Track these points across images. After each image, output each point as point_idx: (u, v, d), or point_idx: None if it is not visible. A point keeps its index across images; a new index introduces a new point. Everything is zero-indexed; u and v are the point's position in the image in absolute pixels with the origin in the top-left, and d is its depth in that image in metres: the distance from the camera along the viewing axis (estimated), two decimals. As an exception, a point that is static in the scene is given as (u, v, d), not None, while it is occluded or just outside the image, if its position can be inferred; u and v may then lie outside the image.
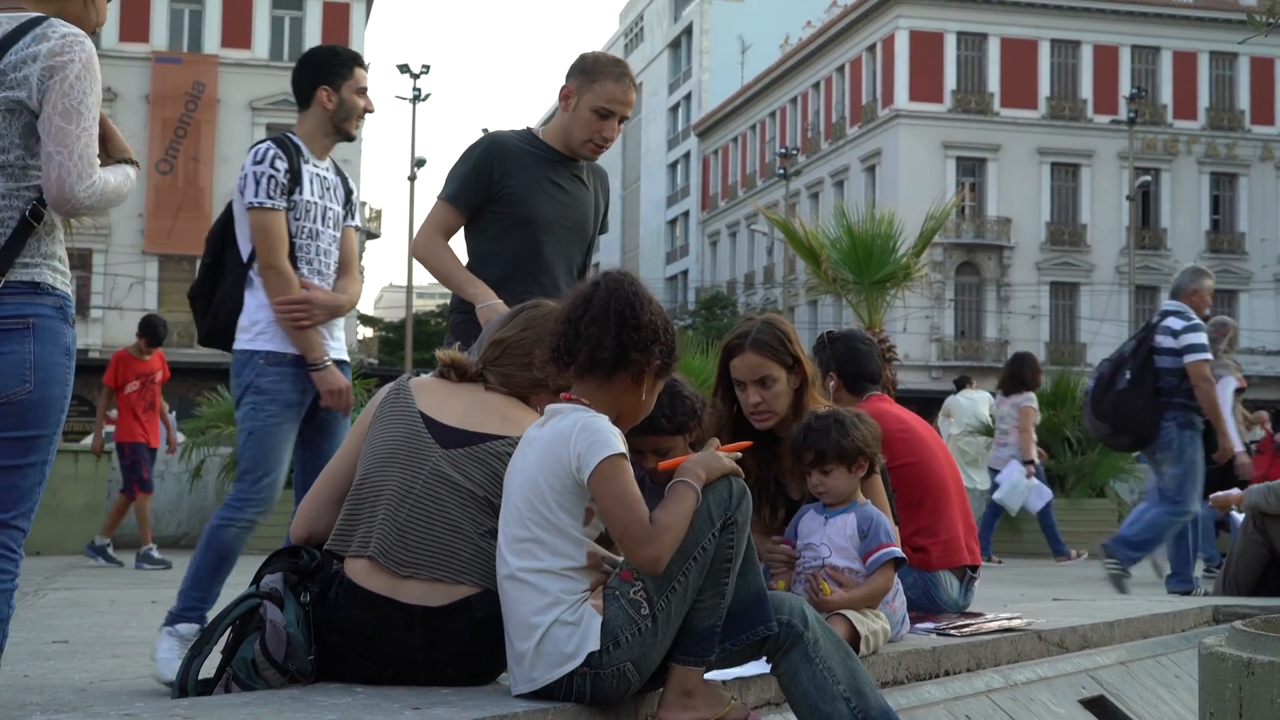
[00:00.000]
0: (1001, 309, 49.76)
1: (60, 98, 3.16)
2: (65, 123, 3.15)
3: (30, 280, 3.19)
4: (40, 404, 3.19)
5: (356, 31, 46.84)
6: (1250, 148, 51.68)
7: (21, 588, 8.12)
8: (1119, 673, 5.27)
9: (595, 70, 4.72)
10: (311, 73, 5.12)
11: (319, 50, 5.32)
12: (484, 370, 3.51)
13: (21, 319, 3.16)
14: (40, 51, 3.18)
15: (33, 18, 3.24)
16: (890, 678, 4.17)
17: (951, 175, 49.32)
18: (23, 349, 3.14)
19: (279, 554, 3.38)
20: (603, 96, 4.69)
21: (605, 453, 3.03)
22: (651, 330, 3.17)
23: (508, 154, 4.79)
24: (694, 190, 70.26)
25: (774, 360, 4.30)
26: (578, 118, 4.74)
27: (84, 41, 3.24)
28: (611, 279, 3.22)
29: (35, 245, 3.21)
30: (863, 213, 14.93)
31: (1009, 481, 12.77)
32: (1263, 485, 7.74)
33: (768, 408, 4.31)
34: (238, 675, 3.24)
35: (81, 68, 3.19)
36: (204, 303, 5.10)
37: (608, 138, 4.78)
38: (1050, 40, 50.91)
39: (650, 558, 3.03)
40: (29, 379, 3.16)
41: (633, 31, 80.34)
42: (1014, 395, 13.01)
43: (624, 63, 4.83)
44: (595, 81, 4.70)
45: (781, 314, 4.46)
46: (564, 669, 3.04)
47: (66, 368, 3.24)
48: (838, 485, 4.14)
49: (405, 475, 3.29)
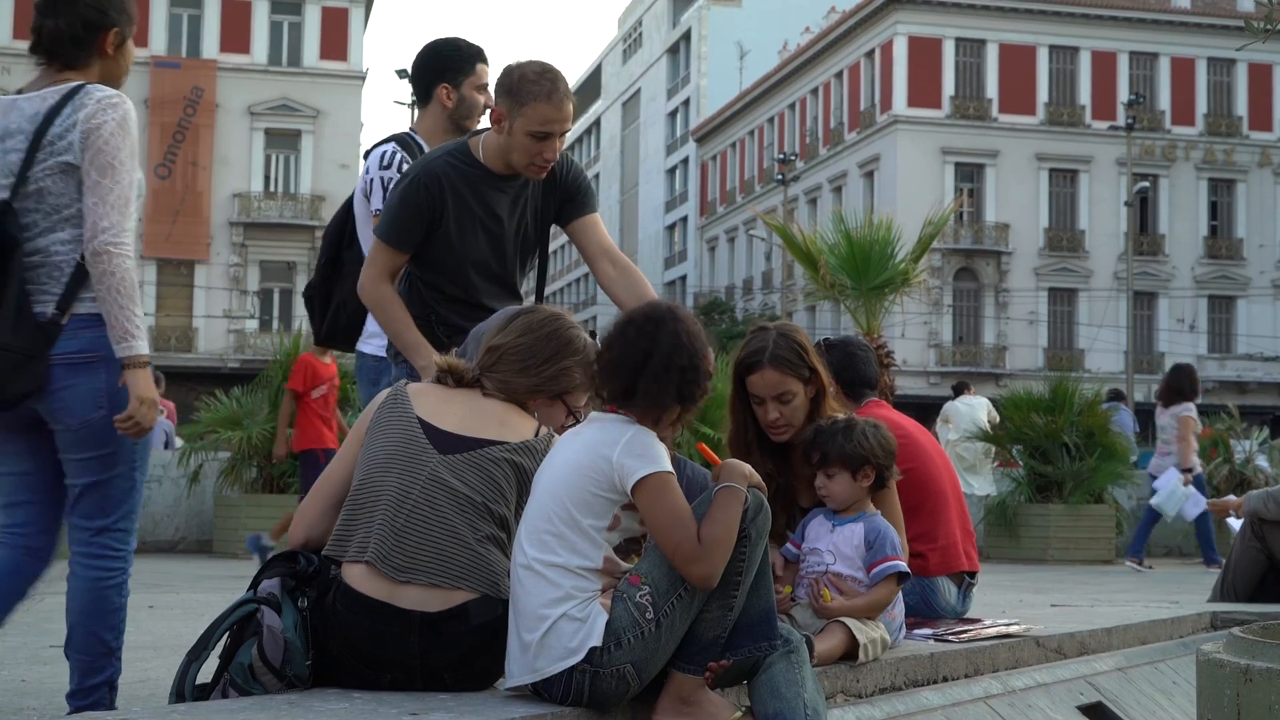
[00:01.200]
0: (1000, 315, 49.77)
1: (95, 155, 3.56)
2: (101, 177, 3.55)
3: (95, 313, 3.60)
4: (112, 424, 3.60)
5: (355, 36, 46.86)
6: (1248, 153, 51.72)
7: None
8: (1117, 679, 5.27)
9: (522, 90, 4.19)
10: (431, 69, 4.97)
11: (440, 44, 5.06)
12: (481, 376, 3.52)
13: (93, 353, 3.61)
14: (79, 118, 3.60)
15: (73, 88, 3.68)
16: (888, 684, 4.16)
17: (950, 181, 49.34)
18: (95, 379, 3.60)
19: (277, 559, 3.39)
20: (535, 120, 4.18)
21: (653, 468, 3.08)
22: (706, 381, 3.24)
23: (445, 189, 4.36)
24: (692, 196, 70.27)
25: (793, 375, 4.27)
26: (513, 143, 4.24)
27: (117, 104, 3.65)
28: (669, 330, 3.23)
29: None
30: (861, 218, 14.93)
31: (1166, 488, 12.83)
32: (1261, 491, 7.73)
33: (786, 422, 4.29)
34: (235, 680, 3.24)
35: (115, 126, 3.59)
36: (322, 302, 5.05)
37: (550, 158, 4.26)
38: (1048, 46, 50.94)
39: (702, 575, 3.07)
40: (103, 405, 3.60)
41: (631, 37, 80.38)
42: (1173, 406, 13.05)
43: (552, 73, 4.25)
44: (524, 104, 4.18)
45: (780, 319, 4.40)
46: (566, 663, 3.06)
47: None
48: (839, 490, 4.13)
49: (403, 481, 3.30)
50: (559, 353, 3.52)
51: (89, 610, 3.60)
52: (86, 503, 3.64)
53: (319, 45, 46.39)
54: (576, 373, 3.54)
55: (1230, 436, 14.90)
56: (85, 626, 3.60)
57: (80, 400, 3.61)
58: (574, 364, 3.53)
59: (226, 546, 11.70)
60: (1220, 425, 15.21)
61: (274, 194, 45.66)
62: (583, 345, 3.57)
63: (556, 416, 3.58)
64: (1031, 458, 13.87)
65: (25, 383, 3.59)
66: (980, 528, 13.13)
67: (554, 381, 3.52)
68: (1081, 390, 14.18)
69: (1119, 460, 13.98)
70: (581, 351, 3.56)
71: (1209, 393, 47.27)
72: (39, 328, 3.58)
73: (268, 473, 12.14)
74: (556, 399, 3.56)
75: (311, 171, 45.68)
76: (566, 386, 3.55)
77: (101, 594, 3.60)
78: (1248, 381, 49.96)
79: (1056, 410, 13.74)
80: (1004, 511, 13.69)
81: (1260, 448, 15.01)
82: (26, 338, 3.57)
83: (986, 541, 13.28)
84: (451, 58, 4.97)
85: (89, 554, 3.62)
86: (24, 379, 3.58)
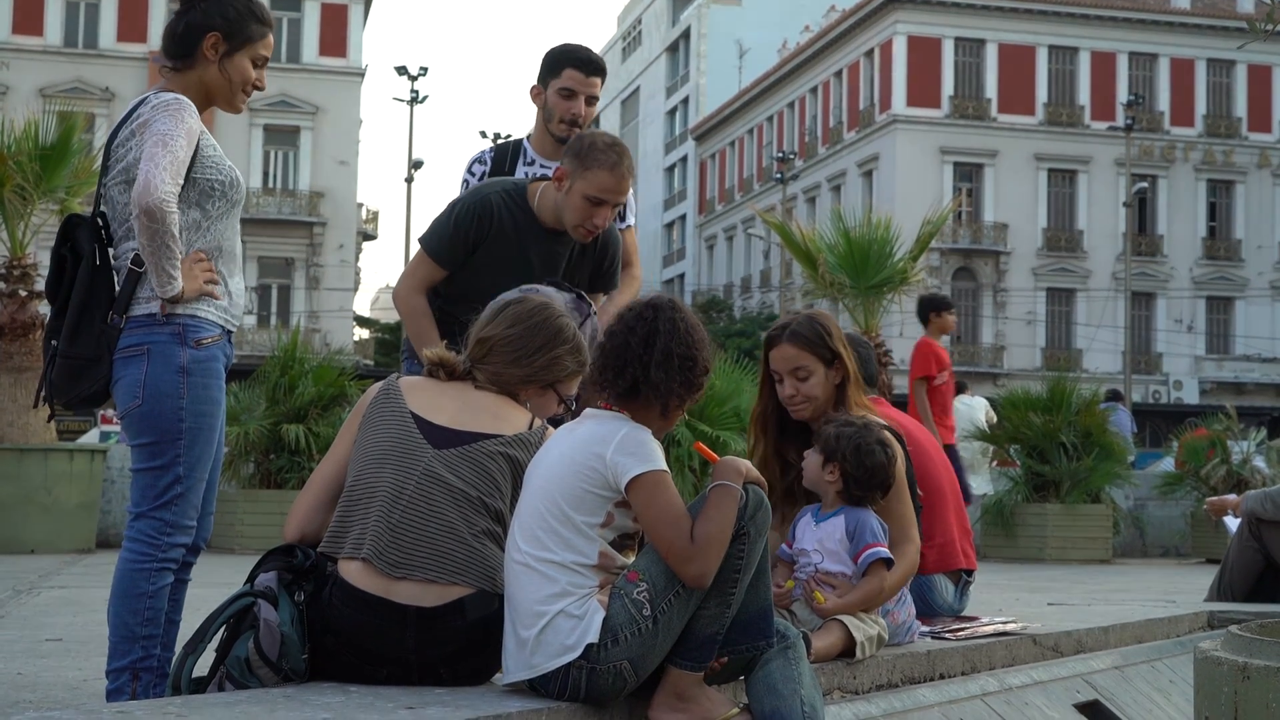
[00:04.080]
0: (998, 314, 49.78)
1: (150, 135, 3.61)
2: (155, 147, 3.57)
3: (149, 313, 3.67)
4: (151, 415, 3.66)
5: (354, 33, 46.85)
6: (1247, 155, 51.73)
7: (15, 585, 8.11)
8: (1114, 677, 5.27)
9: (589, 157, 4.43)
10: (540, 69, 5.11)
11: (555, 46, 5.21)
12: (472, 368, 3.52)
13: (139, 347, 3.67)
14: (136, 125, 3.68)
15: (144, 97, 3.75)
16: (885, 680, 4.17)
17: (949, 181, 49.35)
18: (137, 371, 3.66)
19: (273, 552, 3.39)
20: (594, 185, 4.41)
21: (648, 467, 3.08)
22: (704, 372, 3.26)
23: (492, 223, 4.55)
24: (691, 194, 70.27)
25: (810, 352, 4.35)
26: (569, 202, 4.46)
27: (170, 102, 3.67)
28: (667, 319, 3.25)
29: (147, 284, 3.66)
30: (860, 217, 14.93)
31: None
32: (1259, 491, 7.73)
33: (804, 398, 4.36)
34: (231, 674, 3.24)
35: (169, 117, 3.63)
36: None
37: (598, 224, 4.48)
38: (1048, 46, 50.94)
39: (695, 575, 3.07)
40: (139, 396, 3.66)
41: (631, 35, 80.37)
42: None
43: (621, 148, 4.52)
44: (588, 169, 4.42)
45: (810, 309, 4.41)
46: (563, 659, 3.06)
47: (180, 383, 3.67)
48: (809, 469, 4.18)
49: (398, 476, 3.30)
50: (549, 342, 3.52)
51: (117, 591, 3.67)
52: (134, 488, 3.73)
53: (318, 41, 46.38)
54: (567, 361, 3.55)
55: (1228, 437, 14.89)
56: (113, 607, 3.67)
57: (123, 392, 3.68)
58: (564, 352, 3.54)
59: (224, 541, 11.66)
60: (1218, 426, 15.19)
61: (273, 190, 45.65)
62: (572, 334, 3.58)
63: (549, 406, 3.58)
64: (1029, 457, 13.85)
65: (85, 386, 3.72)
66: (978, 527, 13.12)
67: (545, 371, 3.52)
68: (1079, 390, 14.16)
69: (1116, 460, 13.97)
70: (571, 340, 3.56)
71: (1207, 393, 47.36)
72: (101, 333, 3.67)
73: (265, 468, 12.12)
74: (548, 388, 3.56)
75: (310, 168, 45.68)
76: (558, 375, 3.55)
77: (130, 577, 3.65)
78: (1245, 382, 50.00)
79: (1054, 410, 13.72)
80: (1001, 511, 13.68)
81: (1258, 448, 14.98)
82: (85, 344, 3.68)
83: (984, 540, 13.26)
84: (548, 59, 5.10)
85: (129, 536, 3.71)
86: (83, 383, 3.72)
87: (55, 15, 44.48)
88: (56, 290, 3.76)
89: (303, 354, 12.37)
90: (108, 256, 3.74)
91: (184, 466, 3.70)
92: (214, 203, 3.74)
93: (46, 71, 43.14)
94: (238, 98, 3.86)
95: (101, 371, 3.70)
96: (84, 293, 3.69)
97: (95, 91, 42.29)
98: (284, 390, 12.03)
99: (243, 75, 3.82)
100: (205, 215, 3.73)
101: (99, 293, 3.70)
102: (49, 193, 11.71)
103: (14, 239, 11.83)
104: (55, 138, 11.79)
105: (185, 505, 3.72)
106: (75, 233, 3.76)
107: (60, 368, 3.72)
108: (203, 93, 3.81)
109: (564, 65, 5.04)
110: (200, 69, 3.79)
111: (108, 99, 41.70)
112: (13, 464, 11.12)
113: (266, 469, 12.10)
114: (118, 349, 3.68)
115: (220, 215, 3.77)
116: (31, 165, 11.48)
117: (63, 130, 11.88)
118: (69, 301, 3.71)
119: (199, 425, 3.71)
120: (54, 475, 11.23)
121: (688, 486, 10.52)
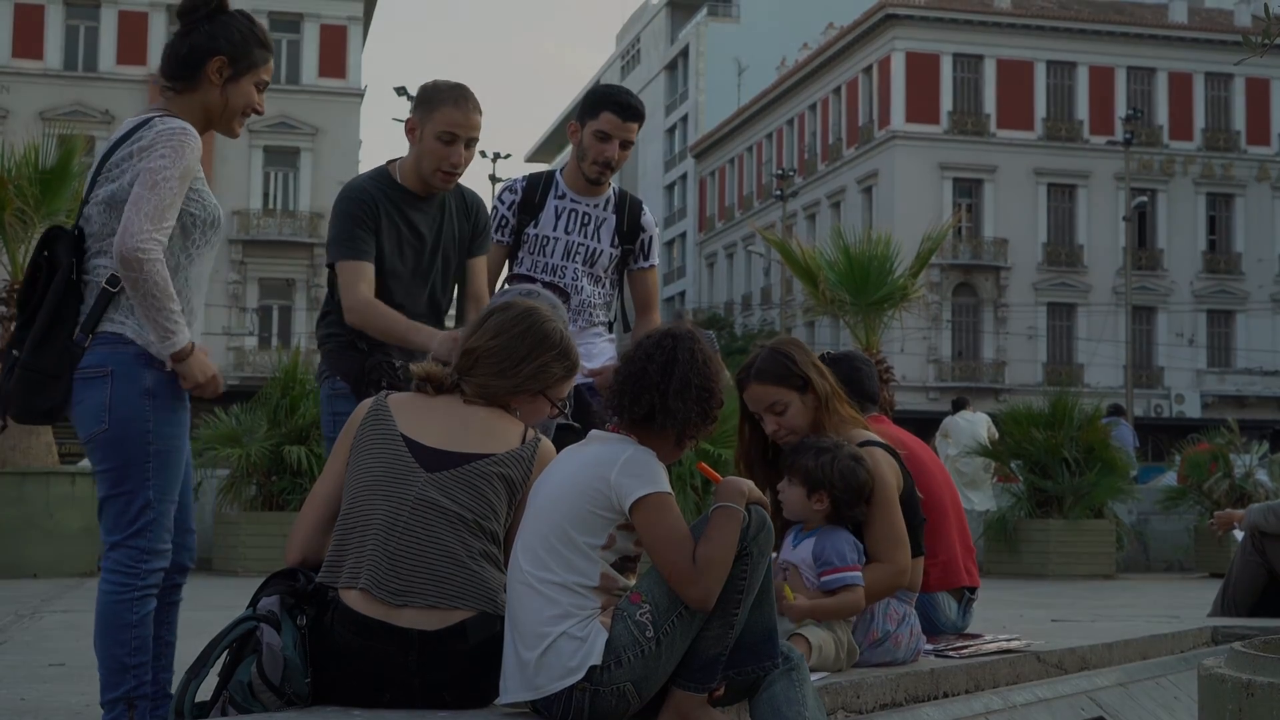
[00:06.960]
0: (999, 330, 49.77)
1: (142, 172, 3.55)
2: (142, 189, 3.52)
3: (115, 333, 3.61)
4: (118, 439, 3.60)
5: (354, 54, 46.94)
6: (1246, 168, 51.77)
7: (17, 610, 8.09)
8: (1118, 694, 5.26)
9: (434, 98, 4.53)
10: (579, 107, 5.15)
11: (597, 86, 5.29)
12: (459, 381, 3.49)
13: (102, 368, 3.60)
14: (135, 148, 3.62)
15: (147, 118, 3.69)
16: (888, 700, 4.16)
17: (948, 196, 49.37)
18: (100, 395, 3.60)
19: (276, 576, 3.38)
20: (442, 122, 4.48)
21: (652, 489, 3.08)
22: (719, 405, 3.26)
23: (376, 204, 4.58)
24: (691, 212, 70.32)
25: (779, 386, 4.35)
26: (424, 148, 4.53)
27: (176, 132, 3.61)
28: (686, 349, 3.25)
29: (119, 304, 3.62)
30: (860, 234, 14.94)
31: None
32: (1263, 504, 7.72)
33: (788, 430, 4.36)
34: (234, 698, 3.24)
35: (170, 151, 3.57)
36: None
37: (455, 164, 4.53)
38: (1046, 62, 51.00)
39: (698, 596, 3.07)
40: (105, 420, 3.60)
41: (629, 53, 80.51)
42: None
43: (463, 87, 4.60)
44: (435, 109, 4.50)
45: (780, 334, 4.38)
46: (566, 681, 3.05)
47: (147, 406, 3.61)
48: (791, 501, 4.18)
49: (392, 504, 3.28)
50: (534, 350, 3.48)
51: (101, 624, 3.63)
52: (104, 516, 3.68)
53: (317, 63, 46.46)
54: (555, 367, 3.51)
55: (1230, 451, 14.87)
56: (100, 640, 3.63)
57: (86, 415, 3.63)
58: (551, 359, 3.50)
59: (226, 564, 11.65)
60: (1220, 440, 15.17)
61: (273, 211, 45.68)
62: (559, 338, 3.53)
63: (540, 412, 3.55)
64: (1031, 473, 13.83)
65: (45, 400, 3.65)
66: (980, 543, 13.10)
67: (534, 380, 3.49)
68: (1081, 405, 14.15)
69: (1119, 475, 13.94)
70: (559, 344, 3.52)
71: (1208, 407, 47.33)
72: (65, 349, 3.62)
73: (267, 490, 12.10)
74: (539, 395, 3.53)
75: (310, 189, 45.70)
76: (546, 383, 3.51)
77: (113, 609, 3.61)
78: (1247, 396, 49.94)
79: (1056, 425, 13.70)
80: (1004, 526, 13.66)
81: (1260, 462, 14.97)
82: (48, 358, 3.62)
83: (986, 557, 13.24)
84: (588, 99, 5.14)
85: (106, 568, 3.66)
86: (43, 397, 3.65)
87: (55, 38, 44.59)
88: (28, 299, 3.70)
89: (304, 375, 12.35)
90: (83, 272, 3.69)
91: (154, 491, 3.64)
92: (192, 239, 3.70)
93: (46, 95, 43.22)
94: (236, 122, 3.83)
95: (60, 388, 3.64)
96: (55, 306, 3.64)
97: (95, 114, 42.34)
98: (285, 411, 12.02)
99: (245, 100, 3.79)
100: (184, 248, 3.69)
101: (69, 308, 3.65)
102: (49, 216, 11.72)
103: (14, 262, 11.83)
104: (55, 161, 11.83)
105: (159, 530, 3.66)
106: (55, 245, 3.69)
107: (19, 379, 3.65)
108: (202, 116, 3.77)
109: (602, 108, 5.04)
110: (203, 92, 3.75)
111: (107, 121, 41.73)
112: (14, 488, 11.11)
113: (269, 491, 12.08)
114: (79, 368, 3.62)
115: (198, 250, 3.72)
116: (32, 189, 11.51)
117: (63, 153, 11.91)
118: (38, 312, 3.65)
119: (168, 448, 3.66)
120: (56, 499, 11.21)
121: (690, 505, 10.51)
